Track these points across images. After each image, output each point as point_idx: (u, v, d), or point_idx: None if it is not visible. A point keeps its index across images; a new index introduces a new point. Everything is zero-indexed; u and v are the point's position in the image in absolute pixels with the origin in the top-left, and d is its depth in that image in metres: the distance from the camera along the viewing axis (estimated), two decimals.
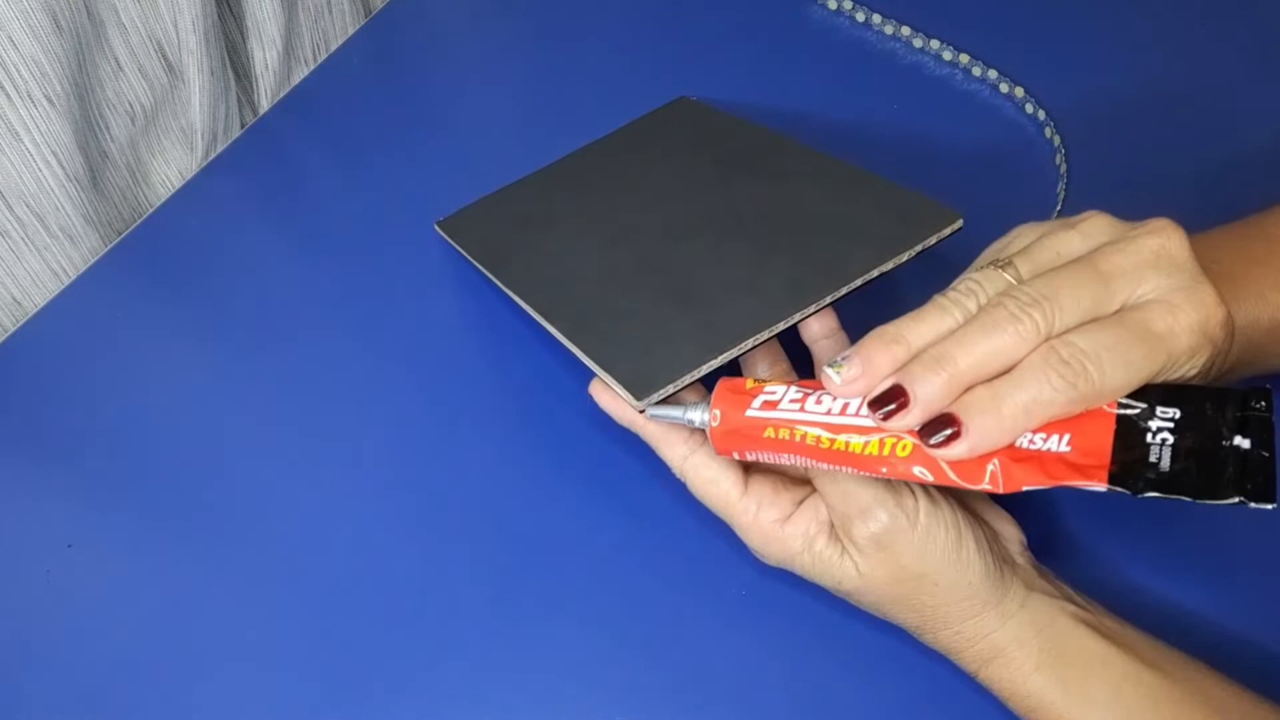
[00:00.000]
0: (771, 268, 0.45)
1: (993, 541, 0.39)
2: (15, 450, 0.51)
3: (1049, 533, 0.44)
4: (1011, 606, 0.38)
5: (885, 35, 0.64)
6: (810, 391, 0.38)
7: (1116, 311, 0.34)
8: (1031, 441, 0.34)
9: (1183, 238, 0.35)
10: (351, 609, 0.45)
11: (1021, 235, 0.38)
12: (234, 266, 0.57)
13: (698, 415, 0.40)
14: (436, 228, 0.56)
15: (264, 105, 0.65)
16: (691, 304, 0.44)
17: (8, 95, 0.50)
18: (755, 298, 0.43)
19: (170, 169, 0.62)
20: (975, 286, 0.36)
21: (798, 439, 0.38)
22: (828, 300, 0.43)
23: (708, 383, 0.42)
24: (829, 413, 0.37)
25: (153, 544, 0.48)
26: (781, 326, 0.42)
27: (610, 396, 0.43)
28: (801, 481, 0.42)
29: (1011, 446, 0.34)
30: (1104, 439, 0.34)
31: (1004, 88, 0.60)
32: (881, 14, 0.64)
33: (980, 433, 0.34)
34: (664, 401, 0.41)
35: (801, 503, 0.41)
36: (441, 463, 0.49)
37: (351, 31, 0.68)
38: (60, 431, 0.51)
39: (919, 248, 0.43)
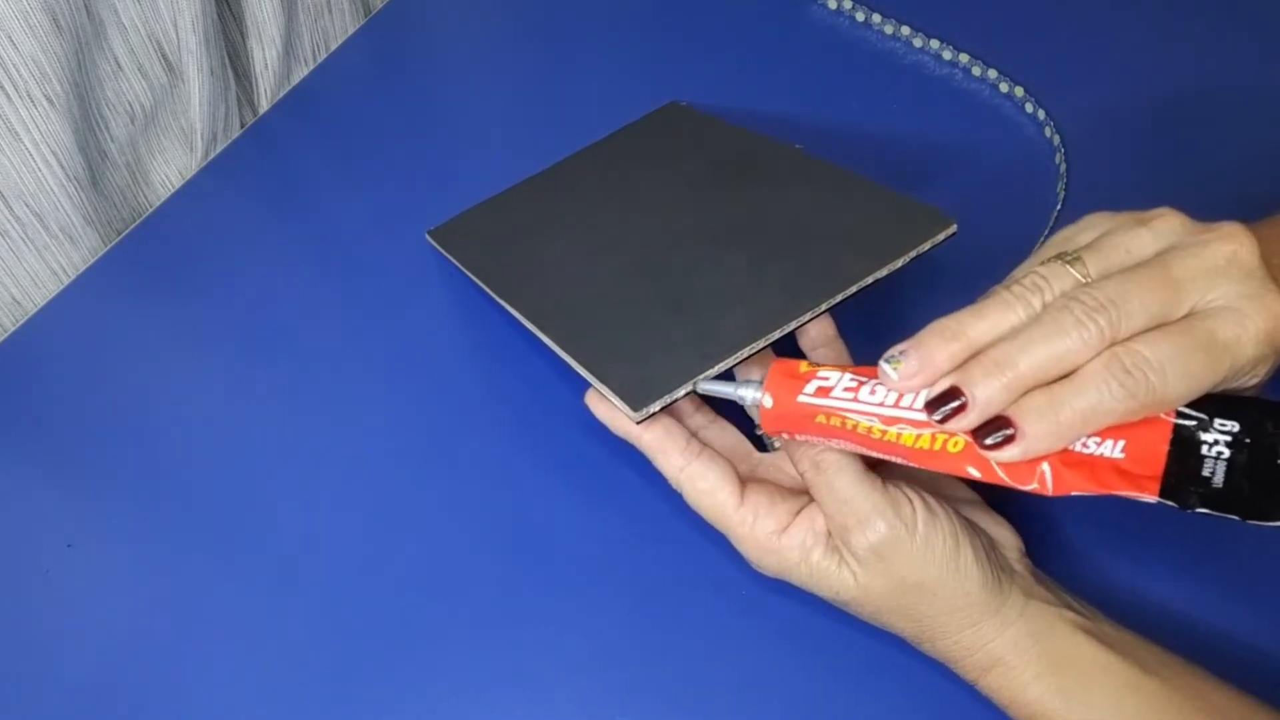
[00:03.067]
0: (766, 275, 0.45)
1: (990, 550, 0.39)
2: (15, 450, 0.51)
3: (1047, 539, 0.43)
4: (1010, 615, 0.37)
5: (885, 35, 0.64)
6: (864, 380, 0.37)
7: (1183, 317, 0.34)
8: (1085, 445, 0.34)
9: (1254, 244, 0.34)
10: (351, 609, 0.45)
11: (1090, 226, 0.37)
12: (233, 266, 0.57)
13: (749, 394, 0.40)
14: (428, 237, 0.55)
15: (264, 105, 0.65)
16: (686, 312, 0.44)
17: (7, 95, 0.50)
18: (750, 306, 0.43)
19: (170, 169, 0.62)
20: (1041, 283, 0.35)
21: (849, 427, 0.37)
22: (823, 307, 0.42)
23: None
24: (882, 404, 0.37)
25: (153, 544, 0.48)
26: (777, 334, 0.42)
27: (606, 407, 0.43)
28: (798, 492, 0.41)
29: (1064, 450, 0.34)
30: (1159, 448, 0.33)
31: (1004, 88, 0.60)
32: (881, 14, 0.64)
33: (1035, 438, 0.33)
34: (713, 379, 0.41)
35: (798, 513, 0.40)
36: (440, 466, 0.49)
37: (351, 31, 0.68)
38: (60, 431, 0.51)
39: (913, 253, 0.43)
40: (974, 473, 0.35)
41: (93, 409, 0.52)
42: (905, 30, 0.63)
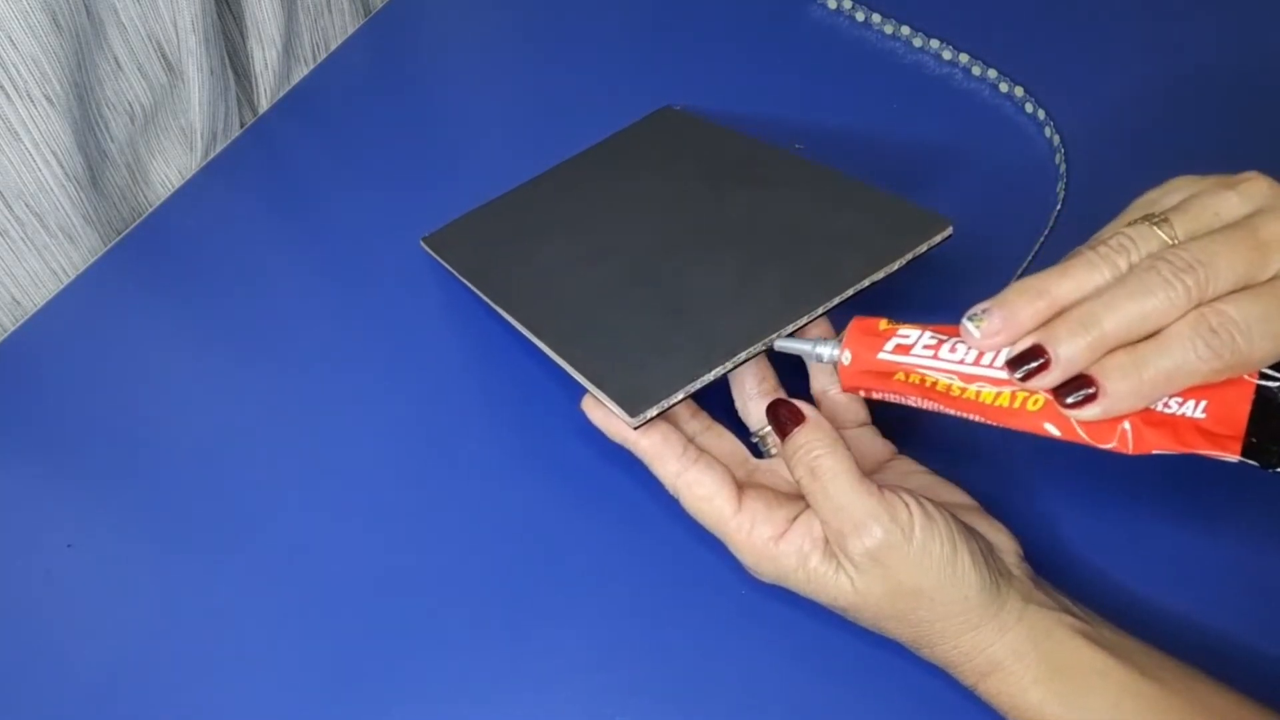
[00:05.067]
0: (761, 279, 0.44)
1: (988, 554, 0.38)
2: (15, 450, 0.51)
3: (1045, 543, 0.43)
4: (1009, 619, 0.37)
5: (885, 35, 0.64)
6: (944, 338, 0.38)
7: (1270, 279, 0.33)
8: (1166, 405, 0.34)
9: None
10: (350, 610, 0.45)
11: (1176, 189, 0.37)
12: (233, 266, 0.57)
13: (827, 351, 0.40)
14: (422, 244, 0.55)
15: (263, 105, 0.65)
16: (682, 317, 0.44)
17: (7, 95, 0.50)
18: (746, 310, 0.43)
19: (170, 168, 0.62)
20: (1128, 243, 0.35)
21: (928, 385, 0.37)
22: (819, 311, 0.42)
23: (698, 396, 0.42)
24: (962, 361, 0.37)
25: (153, 544, 0.48)
26: (775, 339, 0.42)
27: (603, 413, 0.43)
28: (795, 497, 0.41)
29: (1145, 409, 0.34)
30: (1241, 409, 0.33)
31: (1004, 88, 0.60)
32: (881, 14, 0.64)
33: (1117, 396, 0.33)
34: (790, 336, 0.41)
35: (795, 519, 0.40)
36: (438, 470, 0.49)
37: (351, 31, 0.68)
38: (60, 431, 0.51)
39: (909, 256, 0.43)
40: (1054, 431, 0.35)
41: (93, 409, 0.52)
42: (905, 30, 0.63)
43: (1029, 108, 0.59)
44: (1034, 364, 0.34)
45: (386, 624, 0.45)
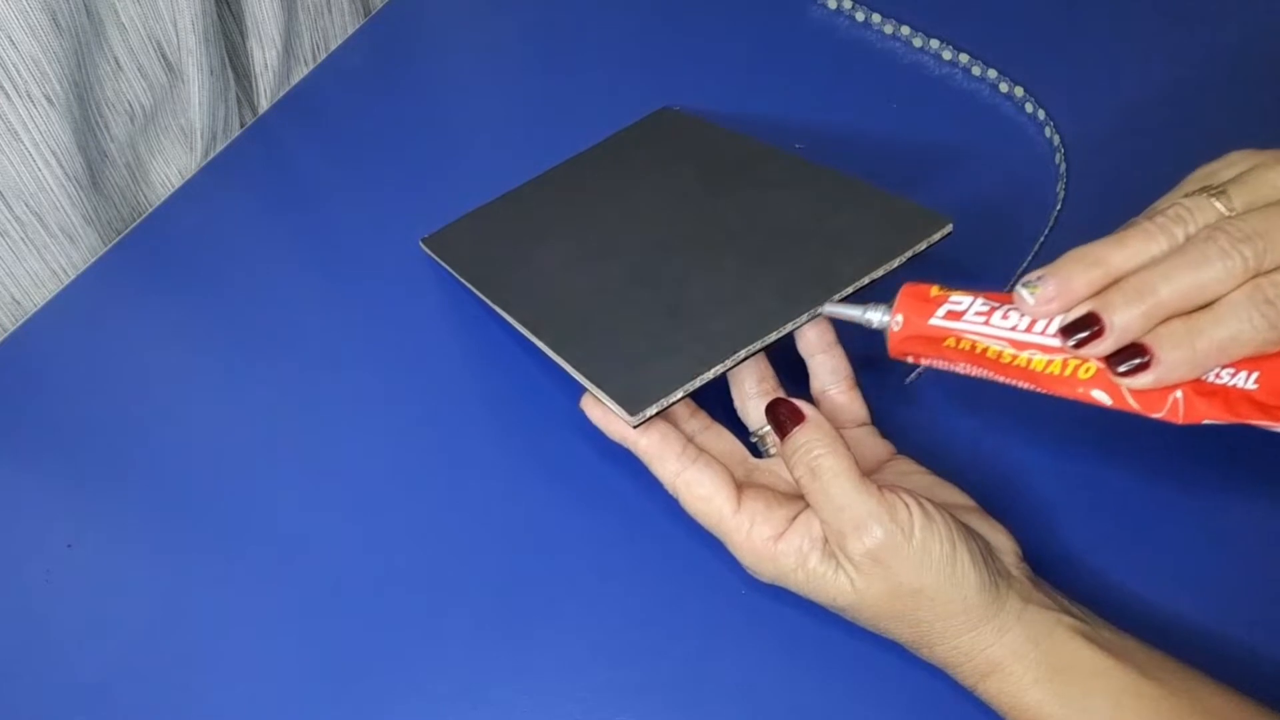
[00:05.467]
0: (760, 278, 0.44)
1: (988, 555, 0.38)
2: (15, 450, 0.51)
3: (1044, 544, 0.43)
4: (1008, 620, 0.37)
5: (885, 35, 0.64)
6: (997, 305, 0.38)
7: None
8: (1218, 375, 0.34)
9: None
10: (350, 610, 0.45)
11: (1234, 162, 0.37)
12: (233, 266, 0.57)
13: (877, 316, 0.40)
14: (421, 245, 0.55)
15: (263, 105, 0.65)
16: (681, 317, 0.44)
17: (7, 95, 0.50)
18: (745, 309, 0.43)
19: (170, 168, 0.62)
20: (1185, 214, 0.35)
21: (979, 351, 0.37)
22: (818, 310, 0.42)
23: (698, 395, 0.42)
24: (1014, 329, 0.37)
25: (153, 544, 0.48)
26: (773, 337, 0.42)
27: (602, 411, 0.43)
28: (794, 497, 0.41)
29: (1197, 379, 0.34)
30: None
31: (1004, 88, 0.60)
32: (881, 14, 0.64)
33: (1170, 365, 0.33)
34: (839, 301, 0.41)
35: (794, 519, 0.40)
36: (438, 470, 0.49)
37: (351, 31, 0.68)
38: (60, 431, 0.51)
39: (909, 254, 0.43)
40: (1104, 399, 0.35)
41: (93, 409, 0.52)
42: (905, 30, 0.63)
43: (1029, 108, 0.59)
44: (1088, 331, 0.34)
45: (387, 623, 0.45)
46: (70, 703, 0.43)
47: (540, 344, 0.46)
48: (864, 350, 0.47)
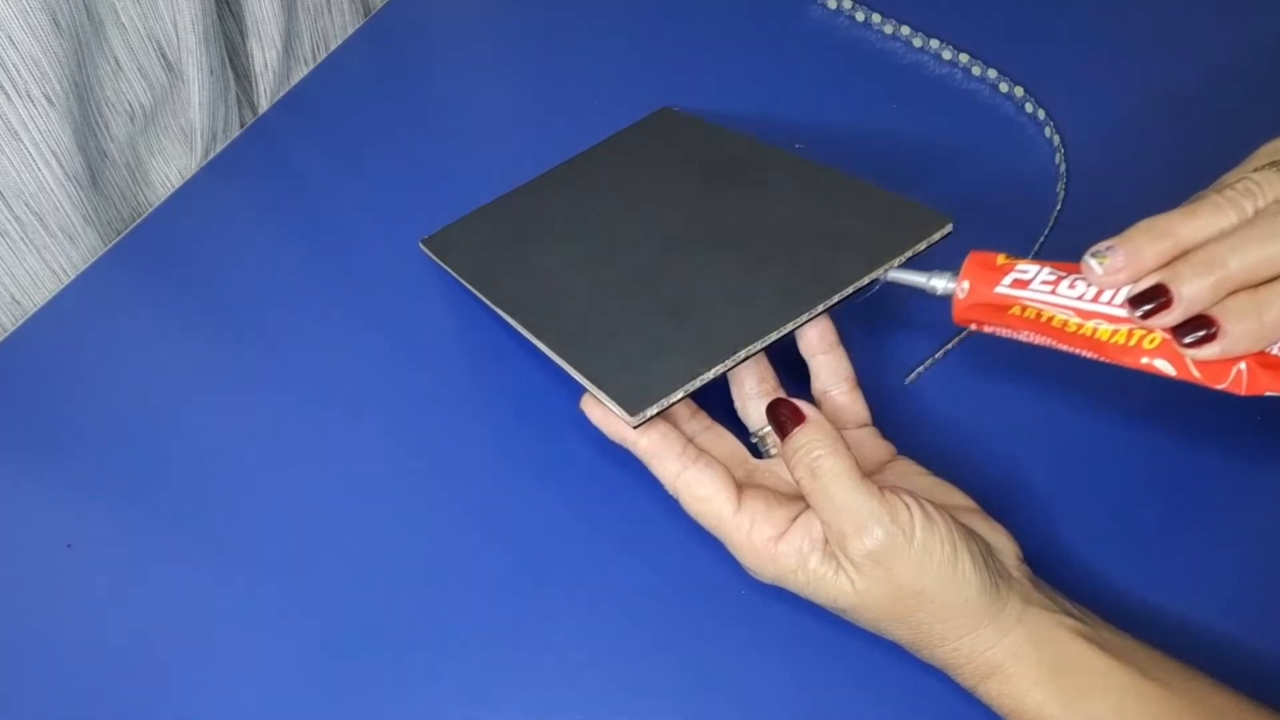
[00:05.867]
0: (761, 278, 0.44)
1: (988, 556, 0.38)
2: (15, 450, 0.51)
3: (1045, 545, 0.43)
4: (1009, 621, 0.37)
5: (885, 35, 0.64)
6: (1063, 274, 0.38)
7: None
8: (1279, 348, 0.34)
9: None
10: (351, 610, 0.45)
11: None
12: (233, 266, 0.57)
13: (941, 283, 0.40)
14: (421, 245, 0.55)
15: (263, 105, 0.65)
16: (682, 316, 0.44)
17: (7, 95, 0.50)
18: (746, 309, 0.43)
19: (170, 168, 0.62)
20: (1254, 188, 0.35)
21: (1044, 320, 0.38)
22: (819, 309, 0.42)
23: (698, 396, 0.42)
24: (1080, 298, 0.37)
25: (153, 543, 0.48)
26: (774, 337, 0.42)
27: (603, 412, 0.43)
28: (794, 498, 0.41)
29: (1261, 351, 0.34)
30: None
31: (1004, 87, 0.60)
32: (881, 13, 0.64)
33: (1236, 337, 0.33)
34: (904, 266, 0.41)
35: (795, 520, 0.40)
36: (438, 470, 0.49)
37: (351, 31, 0.68)
38: (60, 431, 0.51)
39: (909, 254, 0.43)
40: (1168, 369, 0.35)
41: (93, 409, 0.52)
42: (905, 30, 0.63)
43: (1029, 108, 0.59)
44: (1155, 302, 0.35)
45: (387, 623, 0.45)
46: (71, 702, 0.43)
47: (540, 345, 0.46)
48: (864, 351, 0.47)
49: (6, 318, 0.57)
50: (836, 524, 0.38)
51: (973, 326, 0.40)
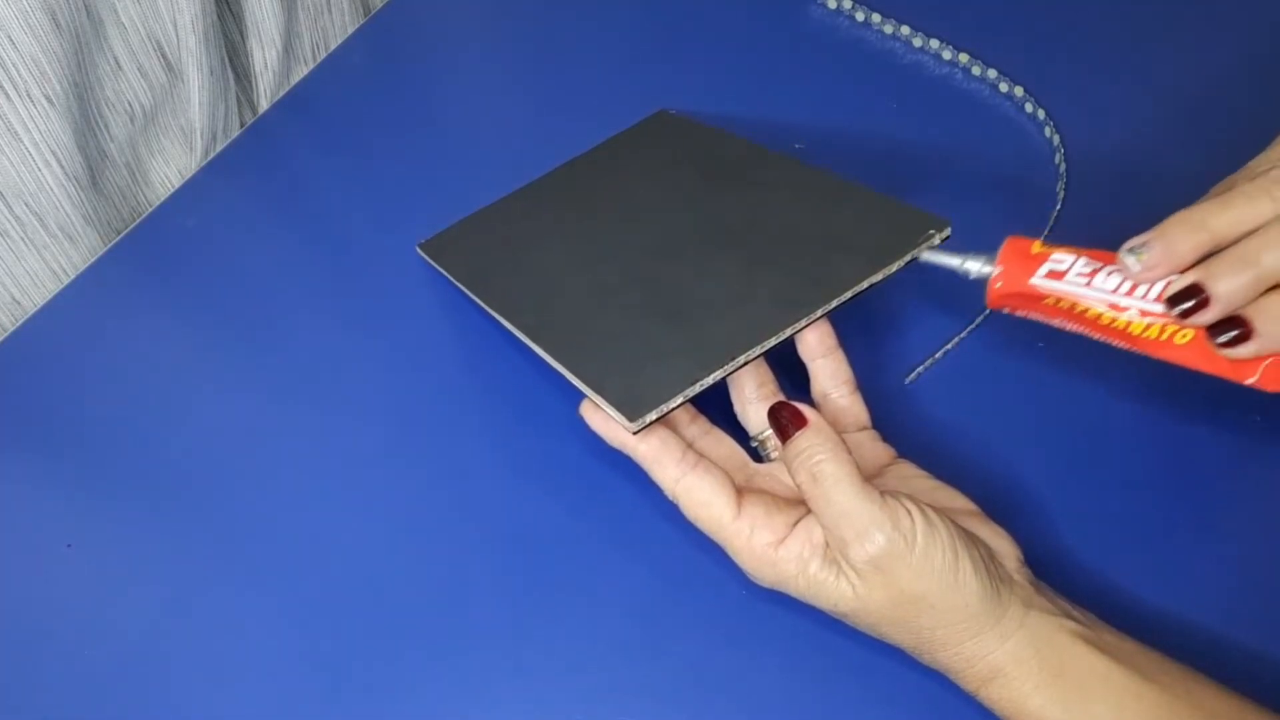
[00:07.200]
0: (759, 282, 0.44)
1: (989, 560, 0.38)
2: (15, 450, 0.51)
3: (1046, 548, 0.43)
4: (1010, 626, 0.37)
5: (885, 35, 0.64)
6: (1099, 266, 0.38)
7: None
8: None
9: None
10: (351, 610, 0.45)
11: None
12: (233, 266, 0.57)
13: (976, 267, 0.41)
14: (418, 250, 0.55)
15: (263, 105, 0.65)
16: (680, 321, 0.44)
17: (7, 95, 0.50)
18: (745, 313, 0.43)
19: (170, 168, 0.62)
20: None
21: (1078, 311, 0.38)
22: (818, 314, 0.42)
23: (697, 400, 0.41)
24: (1115, 291, 0.37)
25: (153, 543, 0.48)
26: (773, 341, 0.42)
27: (601, 417, 0.43)
28: (795, 502, 0.41)
29: None
30: None
31: (1004, 88, 0.60)
32: (881, 13, 0.64)
33: (1271, 338, 0.34)
34: (939, 248, 0.42)
35: (795, 525, 0.40)
36: (436, 475, 0.49)
37: (351, 31, 0.68)
38: (60, 431, 0.51)
39: (908, 258, 0.43)
40: (1197, 363, 0.36)
41: (93, 409, 0.52)
42: (905, 30, 0.63)
43: (1029, 108, 0.59)
44: (1193, 301, 0.35)
45: (387, 624, 0.45)
46: (70, 703, 0.43)
47: (539, 350, 0.46)
48: (864, 352, 0.47)
49: (6, 318, 0.57)
50: (837, 530, 0.38)
51: (1005, 310, 0.41)
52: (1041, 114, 0.58)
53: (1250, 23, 0.62)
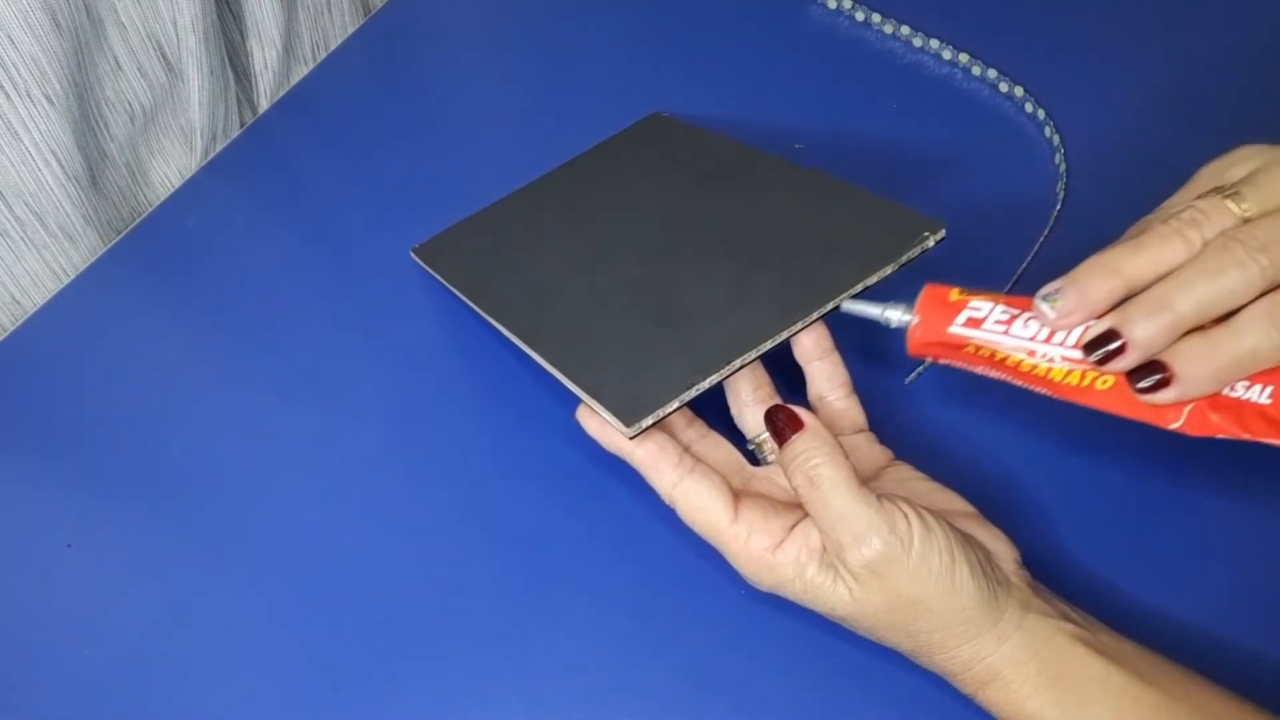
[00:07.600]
0: (755, 286, 0.44)
1: (987, 563, 0.38)
2: (15, 450, 0.51)
3: (1044, 550, 0.43)
4: (1008, 628, 0.37)
5: (885, 35, 0.64)
6: (1017, 313, 0.38)
7: None
8: (1232, 389, 0.34)
9: None
10: (350, 610, 0.45)
11: (1244, 159, 0.37)
12: (233, 266, 0.57)
13: (896, 315, 0.40)
14: (412, 255, 0.55)
15: (263, 104, 0.65)
16: (676, 325, 0.44)
17: (7, 95, 0.50)
18: (740, 317, 0.43)
19: (170, 168, 0.62)
20: (1200, 216, 0.34)
21: (998, 359, 0.38)
22: (813, 317, 0.42)
23: (693, 403, 0.41)
24: (1033, 338, 0.37)
25: (153, 543, 0.48)
26: (769, 345, 0.42)
27: (598, 422, 0.43)
28: (792, 506, 0.41)
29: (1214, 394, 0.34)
30: None
31: (1004, 87, 0.60)
32: (881, 13, 0.64)
33: (1191, 382, 0.33)
34: (859, 297, 0.41)
35: (792, 528, 0.40)
36: (434, 480, 0.49)
37: (351, 31, 0.68)
38: (60, 431, 0.51)
39: (903, 260, 0.43)
40: (1120, 410, 0.36)
41: (93, 409, 0.52)
42: (905, 30, 0.63)
43: (1029, 108, 0.59)
44: (1110, 347, 0.34)
45: (386, 624, 0.45)
46: (70, 703, 0.43)
47: (534, 355, 0.46)
48: (861, 355, 0.47)
49: (6, 318, 0.58)
50: (834, 533, 0.38)
51: (929, 359, 0.40)
52: (1041, 114, 0.58)
53: (1250, 23, 0.62)
